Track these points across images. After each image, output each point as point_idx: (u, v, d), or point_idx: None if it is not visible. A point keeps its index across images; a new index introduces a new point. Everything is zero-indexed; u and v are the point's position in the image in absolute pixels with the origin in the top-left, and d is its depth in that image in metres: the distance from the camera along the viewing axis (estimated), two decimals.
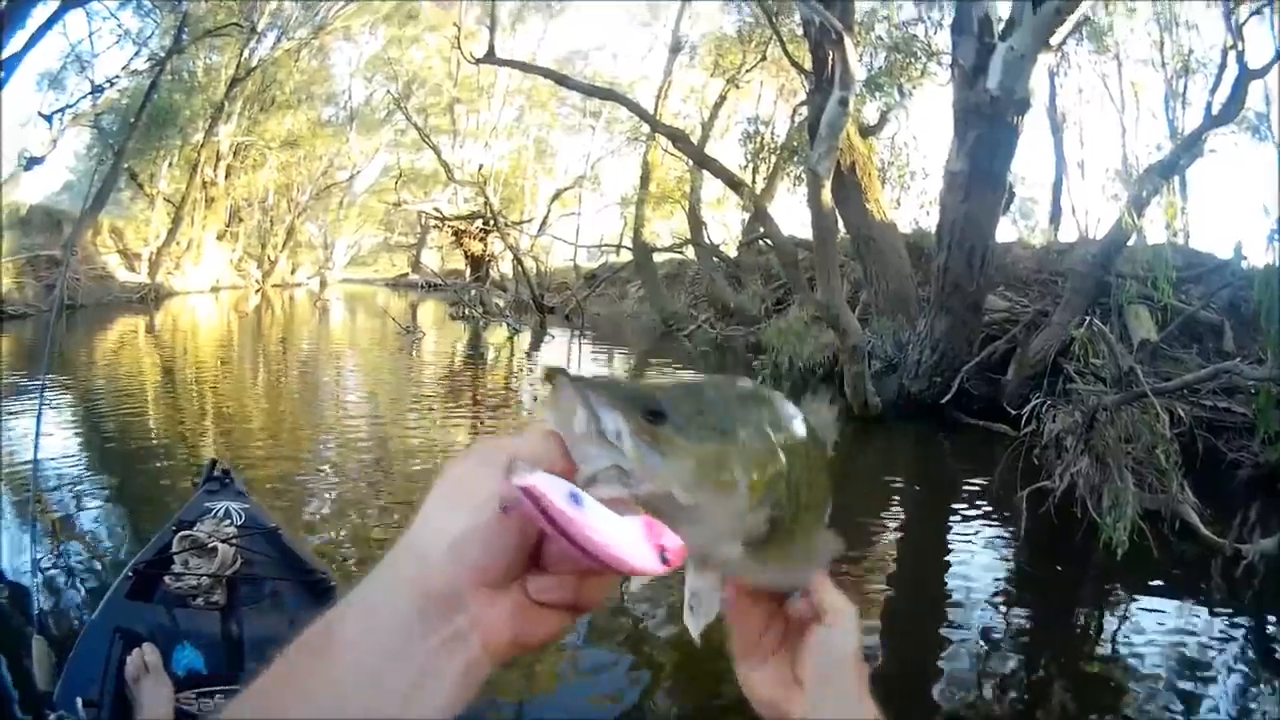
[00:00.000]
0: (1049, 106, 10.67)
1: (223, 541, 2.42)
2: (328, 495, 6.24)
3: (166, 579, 2.30)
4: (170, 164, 23.40)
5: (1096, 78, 13.57)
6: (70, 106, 17.92)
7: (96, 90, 18.93)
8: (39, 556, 2.20)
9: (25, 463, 5.67)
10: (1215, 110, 7.43)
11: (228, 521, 2.70)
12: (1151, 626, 4.05)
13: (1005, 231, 10.68)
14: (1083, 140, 12.52)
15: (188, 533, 2.43)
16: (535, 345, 18.24)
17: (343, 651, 0.49)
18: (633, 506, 0.51)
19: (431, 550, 0.51)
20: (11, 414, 7.14)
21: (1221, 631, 3.95)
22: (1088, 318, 6.21)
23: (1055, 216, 10.87)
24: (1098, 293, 6.57)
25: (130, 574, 2.37)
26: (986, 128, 6.94)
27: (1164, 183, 6.63)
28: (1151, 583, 4.52)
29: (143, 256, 21.33)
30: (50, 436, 6.68)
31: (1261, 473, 5.69)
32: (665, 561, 0.50)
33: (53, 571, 4.21)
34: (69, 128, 17.92)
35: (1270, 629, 4.07)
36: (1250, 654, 3.77)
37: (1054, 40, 6.60)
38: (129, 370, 11.63)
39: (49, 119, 16.37)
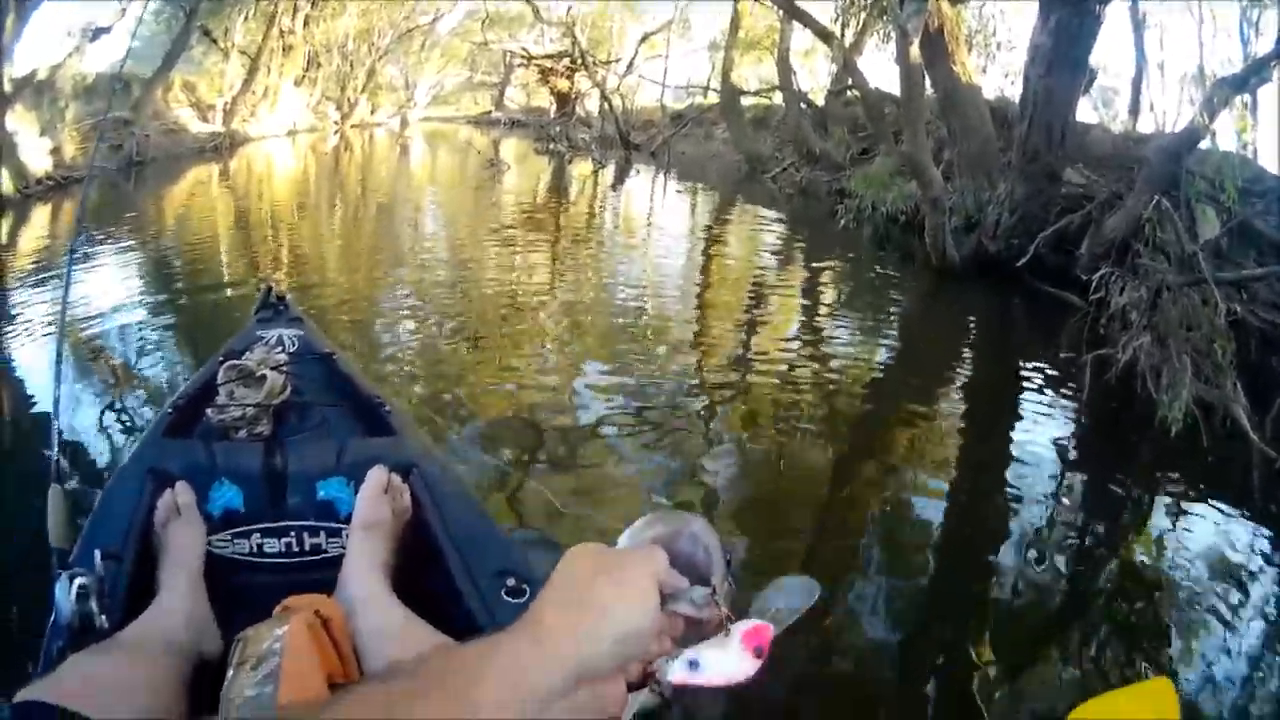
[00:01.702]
0: (1131, 5, 10.76)
1: (272, 369, 2.24)
2: (403, 325, 6.30)
3: (209, 412, 2.13)
4: (245, 18, 22.82)
5: None
6: None
7: None
8: (58, 395, 2.05)
9: (90, 318, 5.76)
10: None
11: (279, 349, 2.54)
12: (1195, 516, 3.96)
13: (1087, 114, 10.56)
14: (1163, 43, 12.46)
15: (235, 362, 2.24)
16: (620, 180, 18.44)
17: (487, 700, 0.56)
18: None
19: (597, 639, 0.61)
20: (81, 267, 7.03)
21: (1254, 536, 3.82)
22: (1157, 199, 6.39)
23: (1134, 108, 11.04)
24: (1169, 184, 6.64)
25: (170, 410, 2.22)
26: (1069, 11, 7.15)
27: (1233, 94, 6.82)
28: (1198, 469, 4.40)
29: (216, 107, 21.06)
30: (114, 287, 6.85)
31: None
32: (759, 656, 0.68)
33: (105, 419, 4.21)
34: None
35: None
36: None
37: None
38: (200, 216, 11.60)
39: None
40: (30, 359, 4.99)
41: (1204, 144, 7.05)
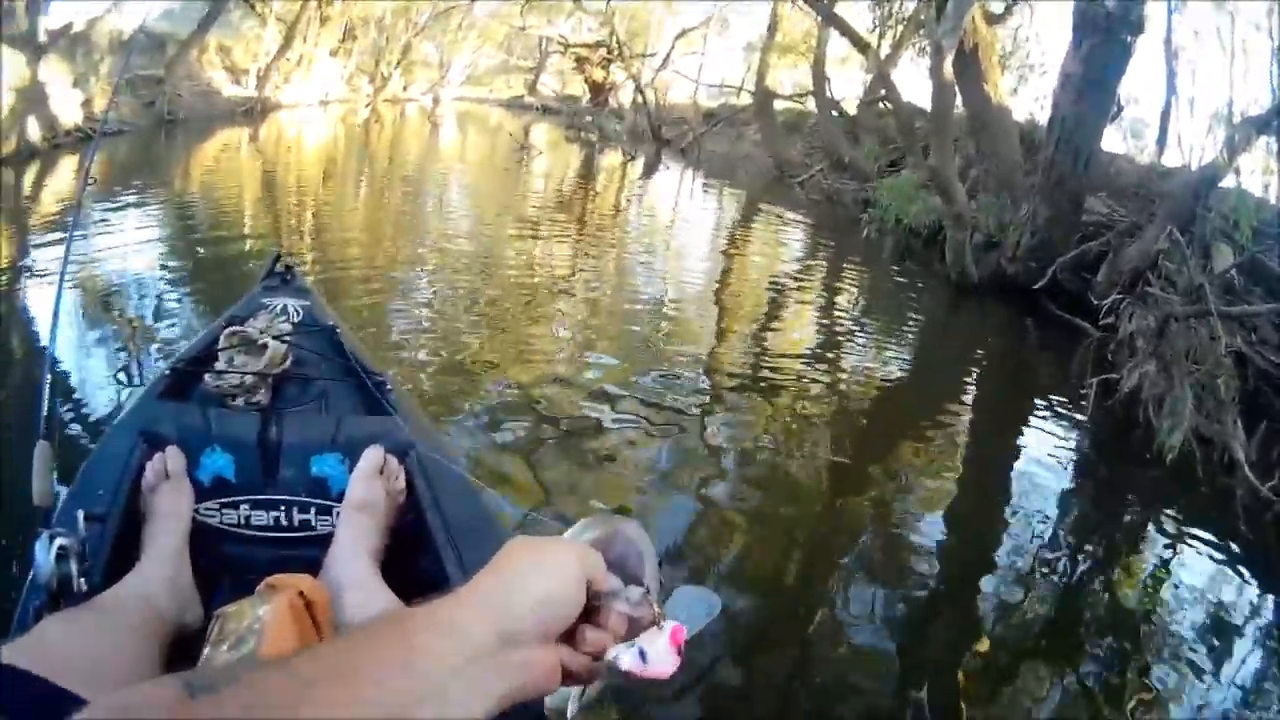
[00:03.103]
0: (1165, 39, 10.81)
1: (274, 338, 2.20)
2: (419, 303, 6.32)
3: (207, 377, 2.09)
4: None
5: (1211, 26, 13.48)
6: None
7: None
8: (53, 349, 1.99)
9: (103, 271, 5.84)
10: None
11: (283, 318, 2.50)
12: (1185, 547, 4.04)
13: (1115, 144, 10.76)
14: (1194, 79, 12.51)
15: (237, 328, 2.21)
16: (648, 173, 18.44)
17: (422, 654, 0.60)
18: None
19: (517, 601, 0.66)
20: (100, 221, 7.19)
21: (1239, 572, 3.87)
22: (1171, 230, 6.52)
23: (1161, 141, 11.12)
24: (1188, 219, 6.77)
25: (167, 372, 2.17)
26: (1101, 40, 7.20)
27: (1256, 134, 6.90)
28: (1190, 501, 4.48)
29: (250, 72, 20.92)
30: (131, 241, 6.86)
31: None
32: (679, 654, 0.75)
33: (104, 377, 4.20)
34: None
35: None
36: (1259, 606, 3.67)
37: None
38: (226, 178, 11.62)
39: None
40: (38, 310, 5.00)
41: (1227, 182, 7.10)
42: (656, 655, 0.74)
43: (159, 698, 0.59)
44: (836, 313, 8.13)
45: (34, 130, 10.48)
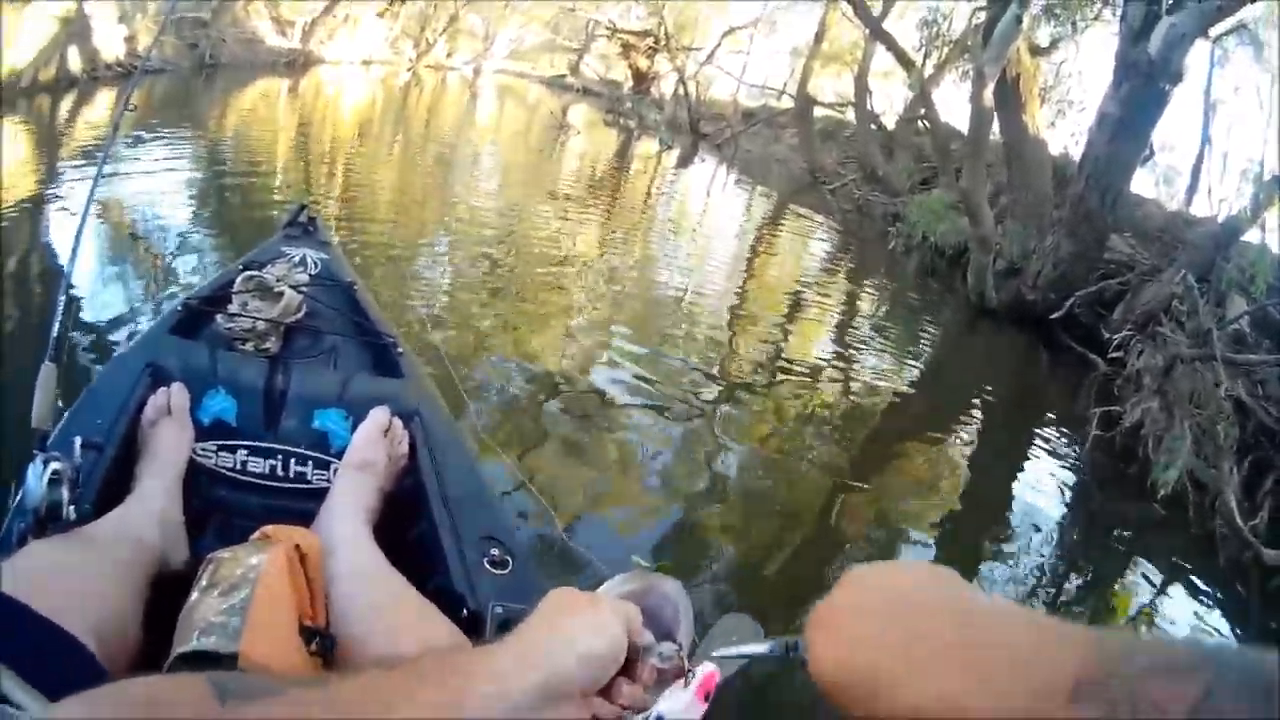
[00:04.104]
0: (1205, 91, 10.94)
1: (291, 287, 2.19)
2: (442, 269, 6.42)
3: (219, 318, 2.07)
4: None
5: (1251, 83, 13.60)
6: None
7: None
8: (71, 271, 1.85)
9: (133, 204, 5.91)
10: None
11: (301, 269, 2.47)
12: (1168, 584, 4.14)
13: (1146, 187, 10.92)
14: (1230, 134, 12.63)
15: (255, 273, 2.19)
16: (683, 164, 18.58)
17: (468, 702, 0.64)
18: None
19: (562, 659, 0.69)
20: (132, 156, 7.21)
21: (1210, 609, 4.00)
22: (1185, 274, 6.59)
23: (1191, 190, 11.27)
24: (1206, 268, 6.90)
25: (179, 308, 2.15)
26: (1140, 84, 7.28)
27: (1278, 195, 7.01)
28: (1176, 539, 4.58)
29: (296, 25, 20.83)
30: (164, 177, 6.93)
31: None
32: (706, 700, 0.78)
33: (118, 307, 4.20)
34: None
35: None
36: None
37: (1213, 32, 7.10)
38: (261, 126, 11.70)
39: None
40: (61, 236, 5.00)
41: (1253, 237, 7.24)
42: (677, 711, 0.78)
43: (187, 695, 0.61)
44: (855, 320, 8.25)
45: (75, 61, 10.54)
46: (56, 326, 1.63)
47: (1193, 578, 4.25)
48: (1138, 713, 0.41)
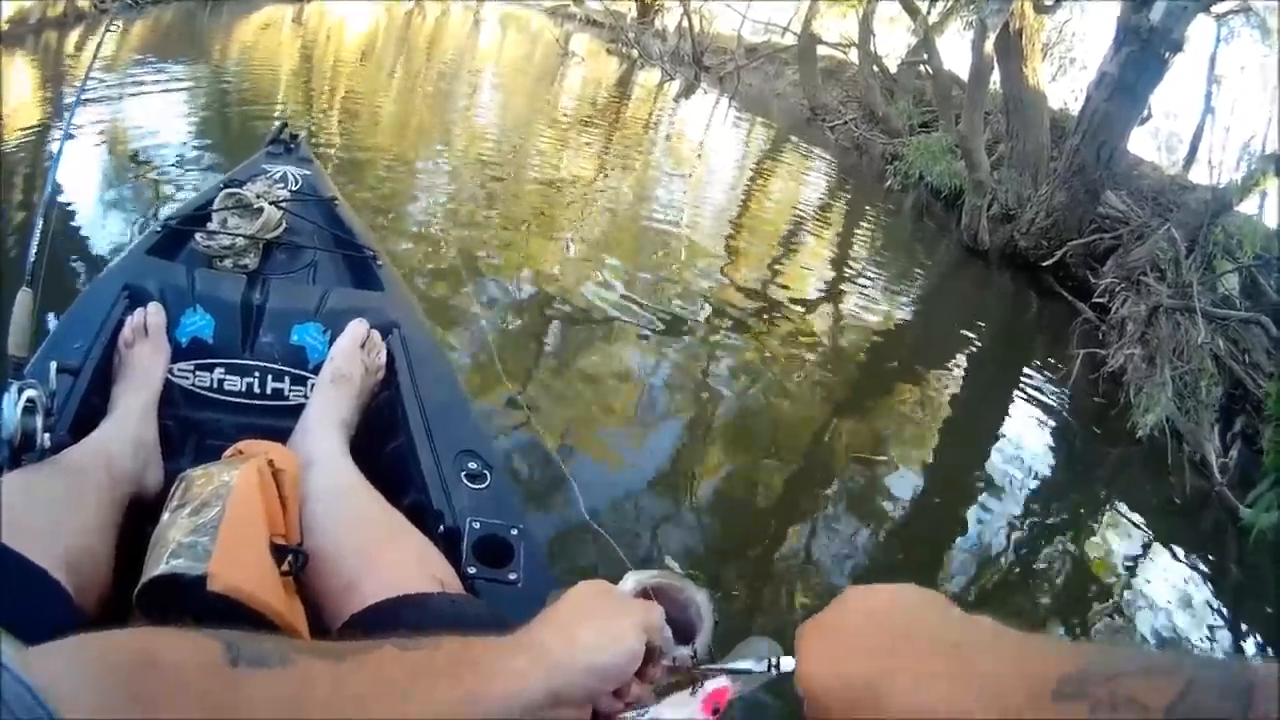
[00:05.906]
0: (1210, 61, 11.09)
1: (271, 203, 2.16)
2: (436, 191, 6.41)
3: (197, 236, 2.04)
4: None
5: (1256, 60, 13.74)
6: None
7: None
8: (50, 196, 1.86)
9: (130, 128, 5.92)
10: None
11: (282, 185, 2.43)
12: (1145, 528, 4.23)
13: (1147, 150, 11.04)
14: (1234, 109, 12.77)
15: (234, 190, 2.15)
16: (685, 95, 18.53)
17: (481, 696, 0.65)
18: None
19: (579, 667, 0.69)
20: (132, 83, 7.19)
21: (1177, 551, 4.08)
22: (1170, 230, 6.77)
23: (1190, 158, 11.47)
24: (1195, 232, 6.97)
25: (158, 229, 2.11)
26: (1139, 49, 7.45)
27: (1273, 170, 7.10)
28: (1158, 486, 4.66)
29: None
30: (163, 103, 6.92)
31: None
32: (715, 713, 0.75)
33: (104, 232, 4.15)
34: None
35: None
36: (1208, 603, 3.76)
37: (1215, 9, 7.22)
38: (264, 53, 11.63)
39: None
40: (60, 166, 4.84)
41: (1248, 207, 7.39)
42: (675, 717, 0.76)
43: (196, 655, 0.59)
44: (849, 254, 8.33)
45: None
46: (33, 251, 1.58)
47: (1170, 519, 4.40)
48: (1118, 710, 0.42)
